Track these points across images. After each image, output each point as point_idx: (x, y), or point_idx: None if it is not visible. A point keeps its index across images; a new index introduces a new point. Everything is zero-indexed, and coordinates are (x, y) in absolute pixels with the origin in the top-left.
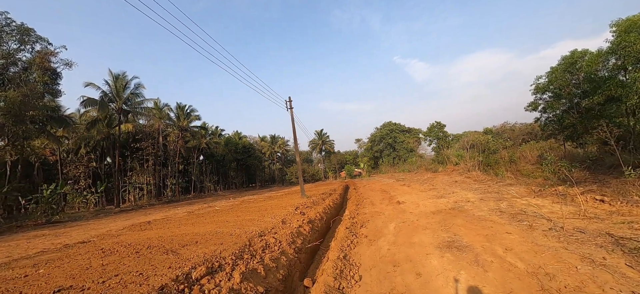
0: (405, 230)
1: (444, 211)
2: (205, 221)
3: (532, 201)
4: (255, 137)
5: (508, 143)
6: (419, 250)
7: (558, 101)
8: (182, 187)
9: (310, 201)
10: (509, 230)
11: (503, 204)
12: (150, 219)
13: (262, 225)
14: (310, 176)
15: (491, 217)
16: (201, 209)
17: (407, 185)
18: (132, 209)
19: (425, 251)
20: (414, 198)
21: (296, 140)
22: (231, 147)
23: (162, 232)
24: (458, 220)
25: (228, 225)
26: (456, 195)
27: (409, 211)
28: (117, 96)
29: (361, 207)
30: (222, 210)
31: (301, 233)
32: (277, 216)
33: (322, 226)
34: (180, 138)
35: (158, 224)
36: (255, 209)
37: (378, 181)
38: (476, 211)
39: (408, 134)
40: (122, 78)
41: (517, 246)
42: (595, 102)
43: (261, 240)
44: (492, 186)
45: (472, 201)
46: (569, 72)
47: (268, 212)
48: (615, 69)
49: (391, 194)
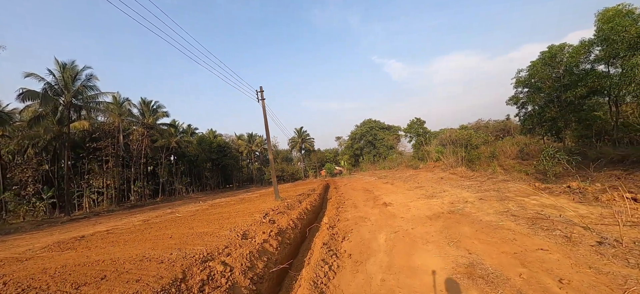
0: (400, 245)
1: (442, 215)
2: (144, 237)
3: (546, 201)
4: (232, 136)
5: (490, 138)
6: (427, 281)
7: (538, 94)
8: (151, 190)
9: (284, 205)
10: (540, 244)
11: (510, 205)
12: (92, 231)
13: (214, 242)
14: (290, 175)
15: (505, 223)
16: (161, 216)
17: (391, 183)
18: (85, 217)
19: (437, 283)
20: (402, 199)
21: (268, 135)
22: (205, 146)
23: (80, 256)
24: (464, 227)
25: (169, 243)
26: (448, 193)
27: (399, 215)
28: (65, 88)
29: (342, 211)
30: (182, 217)
31: (265, 251)
32: (239, 227)
33: (296, 236)
34: (146, 136)
35: (91, 241)
36: (216, 217)
37: (359, 180)
38: (482, 215)
39: (388, 131)
40: (70, 69)
41: (572, 276)
42: (577, 95)
43: (203, 270)
44: (486, 184)
45: (471, 202)
46: (549, 65)
47: (230, 221)
48: (596, 61)
49: (375, 194)
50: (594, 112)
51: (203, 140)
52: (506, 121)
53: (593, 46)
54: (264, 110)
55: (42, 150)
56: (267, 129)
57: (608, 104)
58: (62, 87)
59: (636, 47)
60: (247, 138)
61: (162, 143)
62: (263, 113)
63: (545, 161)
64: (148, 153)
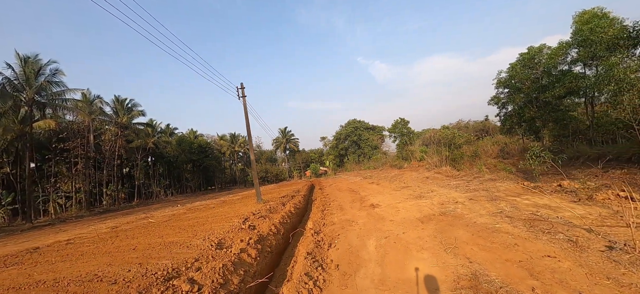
0: (392, 253)
1: (434, 217)
2: (105, 249)
3: (539, 201)
4: (214, 136)
5: (472, 137)
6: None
7: (518, 95)
8: (126, 193)
9: (266, 208)
10: (546, 250)
11: (502, 205)
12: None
13: (184, 253)
14: (274, 176)
15: (501, 226)
16: (132, 222)
17: (377, 183)
18: (49, 224)
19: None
20: (389, 200)
21: (250, 133)
22: (185, 147)
23: (21, 275)
24: (459, 231)
25: (130, 256)
26: (437, 193)
27: (388, 218)
28: (27, 84)
29: (328, 214)
30: (155, 223)
31: (243, 262)
32: (215, 234)
33: (279, 243)
34: (120, 136)
35: (44, 254)
36: (192, 222)
37: (345, 180)
38: (475, 217)
39: (372, 131)
40: (33, 62)
41: (592, 290)
42: (555, 95)
43: (165, 290)
44: (473, 183)
45: (461, 203)
46: (528, 67)
47: (206, 227)
48: (573, 62)
49: (361, 194)
50: (569, 112)
51: (183, 141)
52: (485, 121)
53: (570, 48)
54: (245, 108)
55: (2, 152)
56: (248, 127)
57: (584, 104)
58: (24, 82)
59: (614, 48)
60: (229, 138)
61: (138, 143)
62: (244, 111)
63: (531, 160)
64: (122, 155)
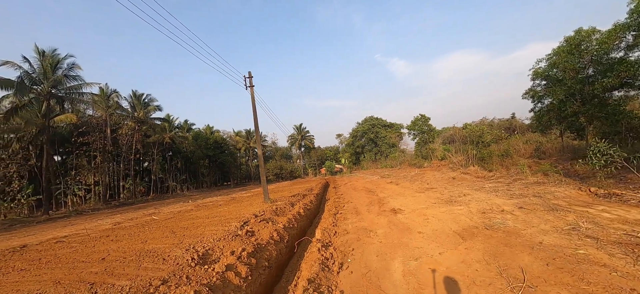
0: (429, 290)
1: (478, 231)
2: (78, 255)
3: (627, 216)
4: (230, 132)
5: (503, 134)
6: None
7: (559, 87)
8: (145, 187)
9: (271, 209)
10: None
11: (571, 218)
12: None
13: (153, 269)
14: (289, 173)
15: (587, 252)
16: (137, 218)
17: (396, 183)
18: (65, 216)
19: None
20: (413, 204)
21: (257, 125)
22: (201, 142)
23: None
24: (522, 256)
25: (92, 269)
26: (472, 198)
27: (415, 228)
28: (44, 78)
29: (341, 218)
30: (158, 221)
31: (227, 284)
32: (203, 242)
33: (281, 254)
34: (137, 131)
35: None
36: (187, 224)
37: (361, 178)
38: (538, 235)
39: (390, 129)
40: (51, 56)
41: None
42: (606, 86)
43: None
44: (515, 186)
45: (510, 212)
46: (573, 54)
47: (197, 231)
48: (629, 48)
49: (379, 195)
50: (622, 106)
51: (199, 136)
52: (512, 119)
53: (627, 31)
54: (252, 98)
55: (28, 144)
56: (255, 119)
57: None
58: (41, 76)
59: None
60: (244, 134)
61: (155, 138)
62: (252, 102)
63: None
64: (139, 149)
